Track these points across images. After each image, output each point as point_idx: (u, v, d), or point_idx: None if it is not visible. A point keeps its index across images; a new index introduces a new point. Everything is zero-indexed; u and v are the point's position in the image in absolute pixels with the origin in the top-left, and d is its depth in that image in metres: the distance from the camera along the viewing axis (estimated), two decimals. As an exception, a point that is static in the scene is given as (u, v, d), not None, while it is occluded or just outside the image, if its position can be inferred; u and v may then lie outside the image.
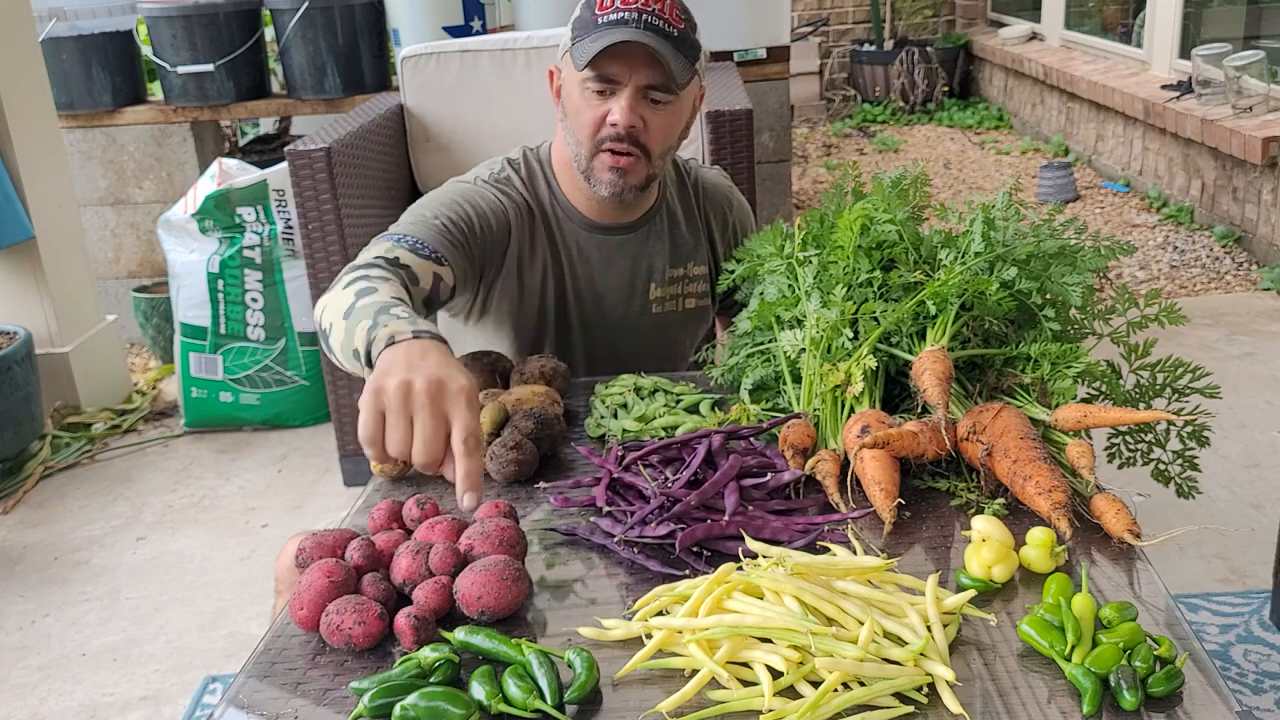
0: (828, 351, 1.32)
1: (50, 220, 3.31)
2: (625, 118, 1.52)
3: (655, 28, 1.49)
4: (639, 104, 1.53)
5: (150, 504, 2.93)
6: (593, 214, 1.68)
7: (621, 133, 1.53)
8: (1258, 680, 1.97)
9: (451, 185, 1.65)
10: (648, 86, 1.52)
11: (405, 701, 0.89)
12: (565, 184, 1.68)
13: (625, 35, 1.47)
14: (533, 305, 1.69)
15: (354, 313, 1.22)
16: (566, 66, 1.58)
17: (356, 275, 1.32)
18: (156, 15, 3.69)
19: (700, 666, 0.92)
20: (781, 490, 1.20)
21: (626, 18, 1.49)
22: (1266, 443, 2.81)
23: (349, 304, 1.25)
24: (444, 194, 1.60)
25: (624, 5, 1.50)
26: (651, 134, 1.55)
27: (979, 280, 1.28)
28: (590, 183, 1.60)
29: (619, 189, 1.59)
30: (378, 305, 1.21)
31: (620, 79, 1.51)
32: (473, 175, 1.68)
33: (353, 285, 1.29)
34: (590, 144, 1.56)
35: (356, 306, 1.23)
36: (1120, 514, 1.10)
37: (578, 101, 1.56)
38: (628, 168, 1.57)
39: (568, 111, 1.59)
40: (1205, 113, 4.25)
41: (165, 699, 2.16)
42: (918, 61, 6.95)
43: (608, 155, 1.56)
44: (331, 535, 1.12)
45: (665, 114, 1.56)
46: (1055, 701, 0.89)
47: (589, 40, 1.50)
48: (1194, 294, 3.93)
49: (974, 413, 1.22)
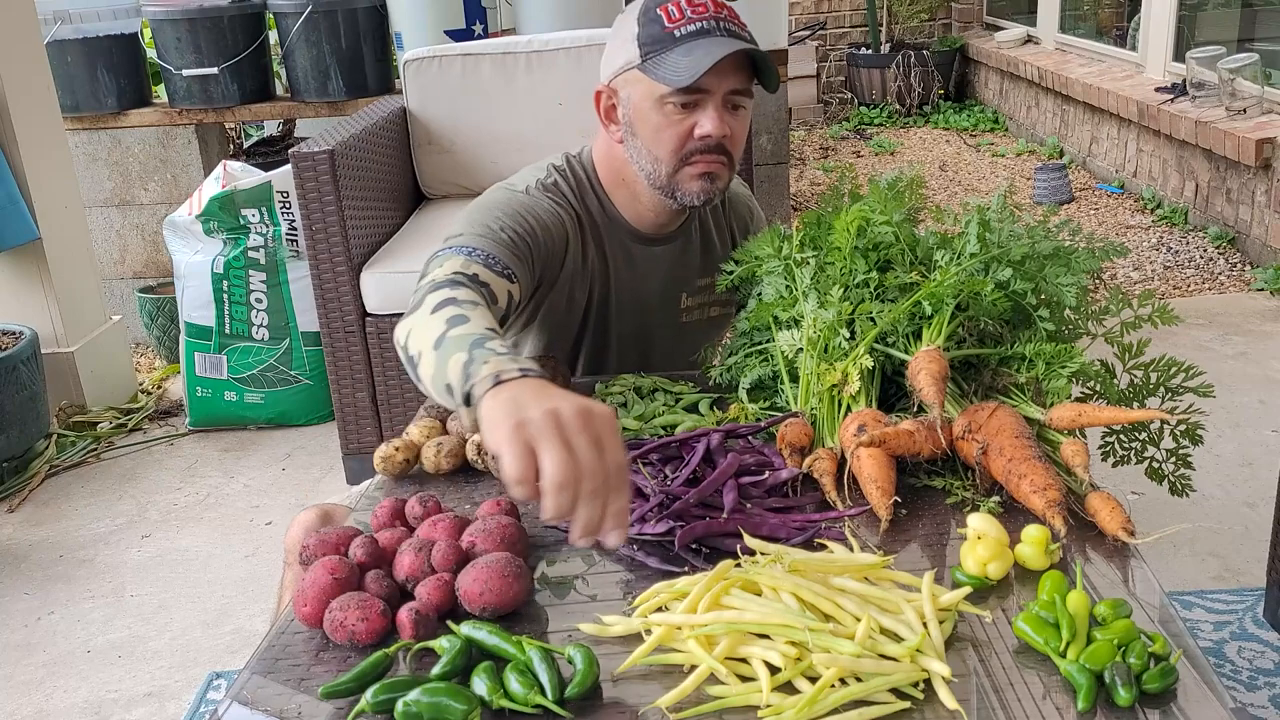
0: (825, 351, 1.34)
1: (56, 221, 3.32)
2: (718, 127, 1.48)
3: (733, 33, 1.47)
4: (724, 111, 1.49)
5: (155, 502, 2.94)
6: (639, 224, 1.65)
7: (713, 143, 1.49)
8: (1251, 677, 1.98)
9: (505, 194, 1.57)
10: (732, 91, 1.48)
11: (407, 697, 0.90)
12: (613, 195, 1.64)
13: (726, 46, 1.43)
14: (576, 316, 1.65)
15: (445, 343, 1.15)
16: (633, 84, 1.52)
17: (443, 298, 1.24)
18: (161, 19, 3.71)
19: (699, 662, 0.93)
20: (779, 488, 1.22)
21: (707, 26, 1.45)
22: (1260, 442, 2.83)
23: (439, 333, 1.17)
24: (503, 203, 1.53)
25: (697, 15, 1.46)
26: (735, 140, 1.52)
27: (974, 281, 1.29)
28: (675, 196, 1.55)
29: (710, 194, 1.55)
30: (471, 337, 1.13)
31: (709, 89, 1.47)
32: (523, 183, 1.60)
33: (441, 311, 1.21)
34: (675, 159, 1.51)
35: (448, 337, 1.15)
36: (1114, 512, 1.11)
37: (656, 119, 1.50)
38: (718, 172, 1.53)
39: (639, 130, 1.53)
40: (1199, 115, 4.26)
41: (170, 695, 2.18)
42: (914, 65, 6.96)
43: (696, 165, 1.52)
44: (335, 533, 1.13)
45: (743, 118, 1.53)
46: (1050, 697, 0.90)
47: (676, 54, 1.45)
48: (1188, 295, 3.94)
49: (969, 412, 1.23)
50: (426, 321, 1.21)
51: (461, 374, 1.08)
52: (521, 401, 0.97)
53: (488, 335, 1.14)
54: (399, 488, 1.32)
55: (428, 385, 1.17)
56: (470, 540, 1.09)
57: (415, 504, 1.18)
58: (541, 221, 1.52)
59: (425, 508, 1.17)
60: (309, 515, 1.51)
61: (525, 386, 1.00)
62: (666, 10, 1.48)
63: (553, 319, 1.64)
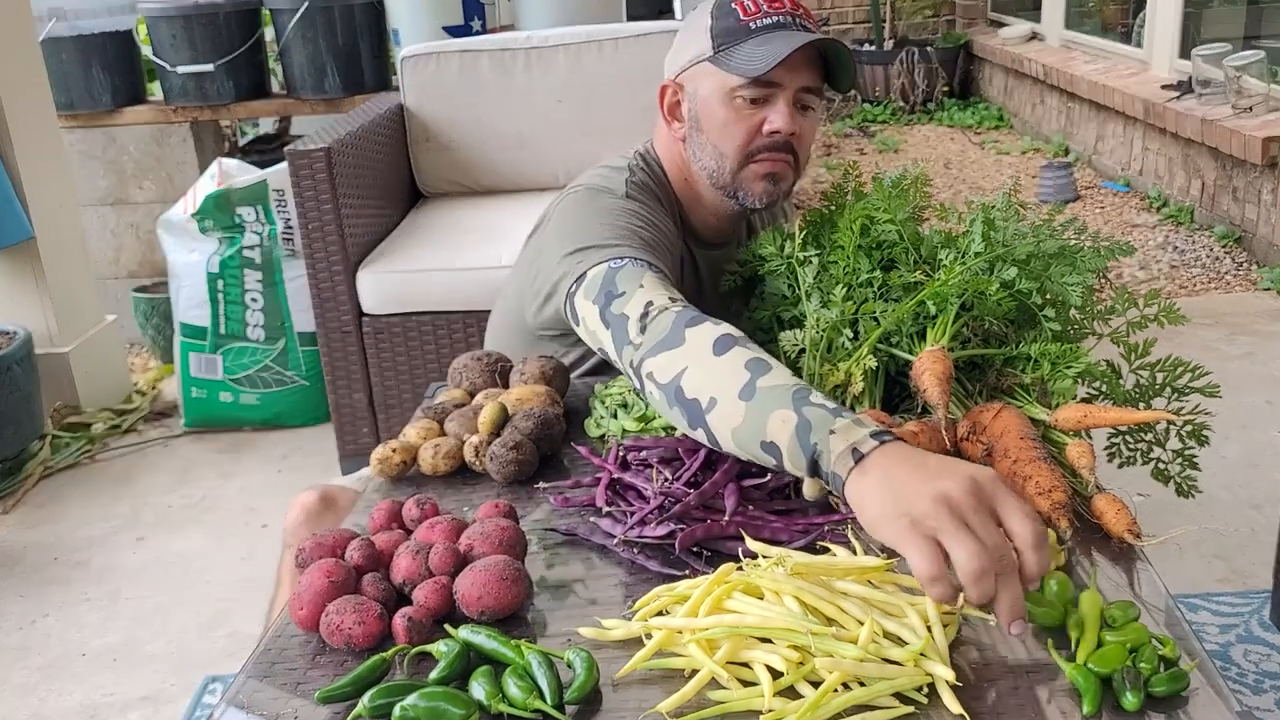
0: (828, 351, 1.32)
1: (50, 220, 3.31)
2: (788, 123, 1.45)
3: (808, 29, 1.45)
4: (793, 108, 1.46)
5: (150, 504, 2.93)
6: (700, 228, 1.63)
7: (781, 140, 1.46)
8: (1258, 680, 1.97)
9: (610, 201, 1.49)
10: (803, 89, 1.46)
11: (405, 702, 0.89)
12: (682, 195, 1.61)
13: (802, 37, 1.41)
14: None
15: (758, 395, 1.06)
16: (702, 78, 1.49)
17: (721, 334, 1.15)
18: (156, 15, 3.69)
19: (700, 666, 0.92)
20: (781, 490, 1.20)
21: (783, 20, 1.44)
22: (1267, 443, 2.81)
23: (742, 382, 1.08)
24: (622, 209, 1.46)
25: (773, 8, 1.44)
26: (803, 139, 1.49)
27: (979, 280, 1.28)
28: (736, 196, 1.52)
29: (773, 196, 1.52)
30: (789, 389, 1.05)
31: (781, 83, 1.45)
32: (617, 186, 1.52)
33: (728, 352, 1.12)
34: (740, 156, 1.49)
35: (759, 387, 1.07)
36: (1120, 514, 1.10)
37: (724, 113, 1.47)
38: (783, 173, 1.50)
39: (706, 125, 1.50)
40: (1205, 113, 4.25)
41: (165, 699, 2.16)
42: (918, 61, 6.95)
43: (761, 164, 1.49)
44: (331, 536, 1.12)
45: (812, 120, 1.51)
46: (1055, 701, 0.89)
47: (751, 45, 1.43)
48: (1194, 294, 3.92)
49: (974, 413, 1.22)
50: (713, 364, 1.12)
51: (794, 439, 1.01)
52: (900, 486, 0.91)
53: (802, 387, 1.06)
54: (396, 490, 1.31)
55: (725, 437, 1.10)
56: (468, 543, 1.08)
57: (412, 506, 1.16)
58: (653, 223, 1.48)
59: (423, 510, 1.16)
60: (309, 496, 1.49)
61: (893, 461, 0.94)
62: (742, 4, 1.46)
63: None
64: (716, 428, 1.11)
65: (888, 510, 0.91)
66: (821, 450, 0.99)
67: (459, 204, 3.08)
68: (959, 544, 0.87)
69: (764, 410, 1.05)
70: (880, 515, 0.92)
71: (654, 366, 1.18)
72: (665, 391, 1.17)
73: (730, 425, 1.09)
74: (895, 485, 0.92)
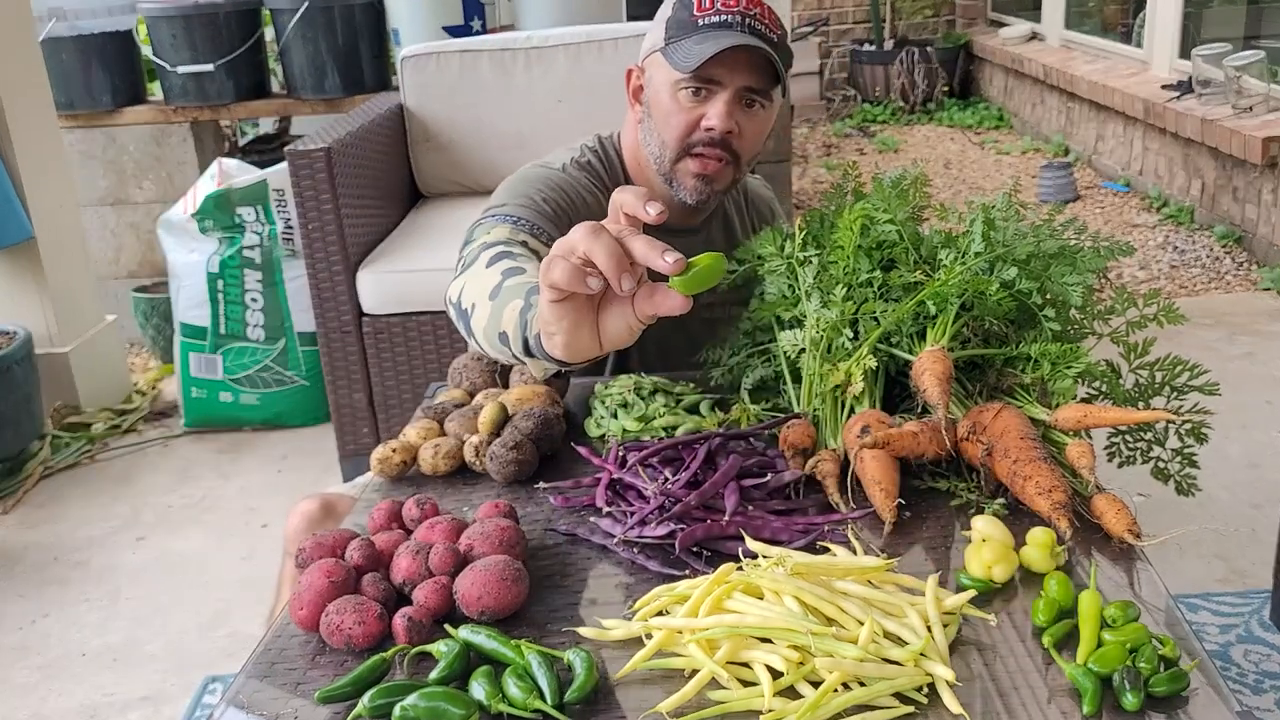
0: (828, 351, 1.32)
1: (50, 220, 3.31)
2: (723, 122, 1.47)
3: (758, 32, 1.46)
4: (735, 108, 1.48)
5: (150, 504, 2.93)
6: None
7: (716, 137, 1.49)
8: (1258, 680, 1.97)
9: (542, 171, 1.57)
10: (746, 89, 1.48)
11: (405, 702, 0.89)
12: (638, 181, 1.64)
13: (735, 39, 1.43)
14: None
15: (501, 293, 1.14)
16: (655, 67, 1.53)
17: (498, 253, 1.25)
18: (156, 15, 3.69)
19: (700, 666, 0.92)
20: (781, 490, 1.20)
21: (730, 20, 1.45)
22: (1267, 443, 2.81)
23: (494, 283, 1.17)
24: (542, 178, 1.53)
25: (725, 8, 1.45)
26: (744, 139, 1.51)
27: (979, 280, 1.28)
28: (672, 186, 1.55)
29: (704, 195, 1.54)
30: (529, 285, 1.12)
31: (722, 81, 1.47)
32: (558, 162, 1.60)
33: (497, 264, 1.21)
34: (678, 147, 1.51)
35: (504, 286, 1.15)
36: (1120, 514, 1.09)
37: (668, 103, 1.50)
38: (715, 174, 1.53)
39: (654, 113, 1.53)
40: (1205, 113, 4.25)
41: (165, 699, 2.16)
42: (918, 61, 6.95)
43: (695, 160, 1.51)
44: (331, 536, 1.12)
45: (759, 119, 1.52)
46: (1055, 701, 0.89)
47: (691, 41, 1.45)
48: (1194, 294, 3.92)
49: (974, 413, 1.22)
50: (481, 274, 1.20)
51: (519, 320, 1.07)
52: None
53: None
54: (396, 489, 1.31)
55: (480, 338, 1.17)
56: (468, 543, 1.08)
57: (412, 506, 1.16)
58: (581, 198, 1.54)
59: (423, 510, 1.16)
60: (310, 504, 1.49)
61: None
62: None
63: None
64: (475, 330, 1.18)
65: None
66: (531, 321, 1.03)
67: (459, 204, 3.08)
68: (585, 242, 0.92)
69: (502, 304, 1.12)
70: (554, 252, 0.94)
71: (450, 291, 1.27)
72: (453, 309, 1.25)
73: (481, 325, 1.16)
74: None
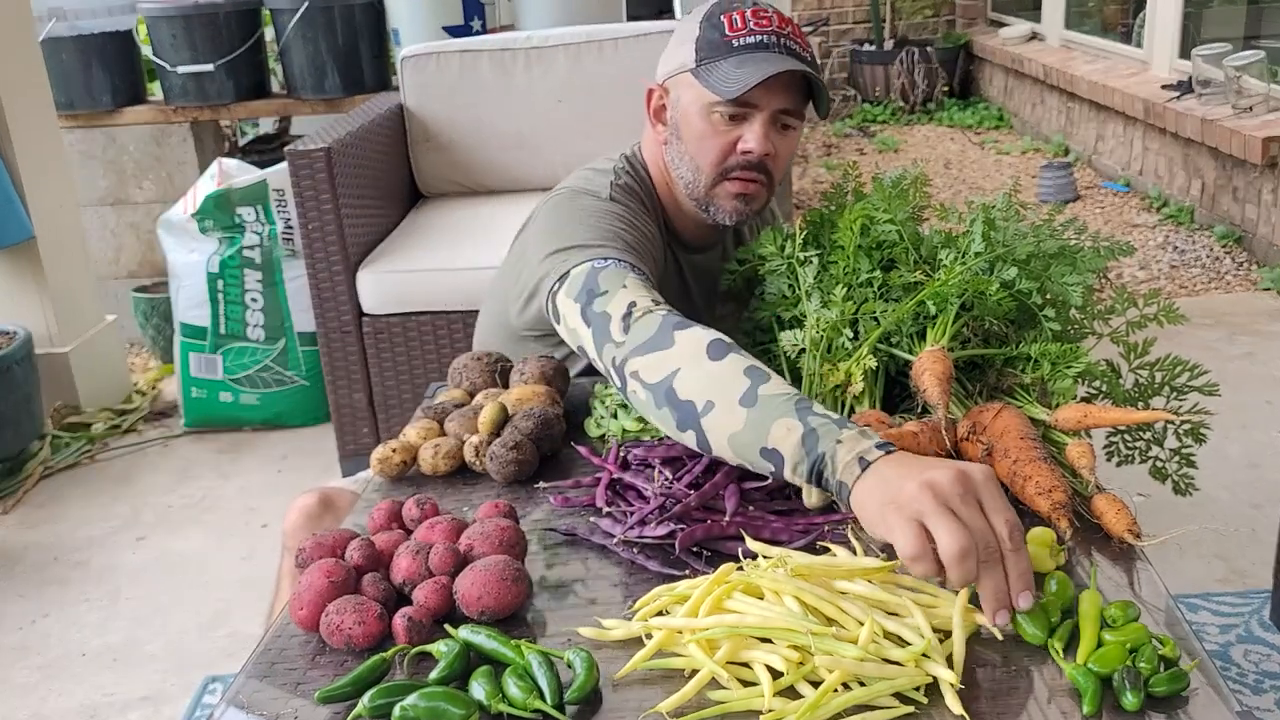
0: (828, 351, 1.32)
1: (50, 220, 3.30)
2: (762, 145, 1.45)
3: (793, 51, 1.44)
4: (771, 130, 1.46)
5: (150, 504, 2.93)
6: (682, 231, 1.63)
7: (755, 160, 1.46)
8: (1258, 680, 1.97)
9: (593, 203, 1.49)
10: (781, 110, 1.46)
11: (405, 702, 0.89)
12: (665, 199, 1.61)
13: (777, 64, 1.40)
14: None
15: (760, 401, 1.08)
16: (683, 88, 1.49)
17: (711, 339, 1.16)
18: (156, 15, 3.69)
19: (700, 666, 0.91)
20: (782, 490, 1.20)
21: (766, 41, 1.42)
22: (1267, 443, 2.81)
23: (744, 387, 1.09)
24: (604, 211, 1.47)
25: (759, 28, 1.43)
26: (779, 160, 1.49)
27: (979, 280, 1.28)
28: (708, 210, 1.52)
29: (743, 216, 1.52)
30: (790, 398, 1.07)
31: (759, 103, 1.44)
32: (597, 188, 1.53)
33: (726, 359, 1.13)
34: (715, 172, 1.48)
35: (761, 395, 1.08)
36: (1120, 514, 1.09)
37: (701, 126, 1.47)
38: (754, 194, 1.50)
39: (685, 135, 1.50)
40: (1205, 113, 4.25)
41: (165, 699, 2.16)
42: (918, 61, 6.95)
43: (734, 183, 1.49)
44: (331, 535, 1.12)
45: (791, 139, 1.50)
46: (1055, 701, 0.89)
47: (730, 64, 1.42)
48: (1194, 294, 3.92)
49: (974, 413, 1.22)
50: (706, 366, 1.13)
51: (800, 447, 1.03)
52: (892, 480, 0.94)
53: (803, 397, 1.08)
54: (396, 489, 1.31)
55: (720, 440, 1.10)
56: (468, 543, 1.08)
57: (412, 506, 1.16)
58: (638, 229, 1.48)
59: (423, 510, 1.16)
60: (308, 499, 1.49)
61: (890, 464, 0.97)
62: (730, 18, 1.45)
63: None
64: (711, 431, 1.11)
65: (879, 501, 0.95)
66: (828, 459, 1.01)
67: (459, 204, 3.08)
68: (941, 524, 0.89)
69: (767, 417, 1.06)
70: (874, 509, 0.95)
71: (640, 366, 1.19)
72: (653, 391, 1.17)
73: (729, 430, 1.09)
74: (888, 481, 0.95)
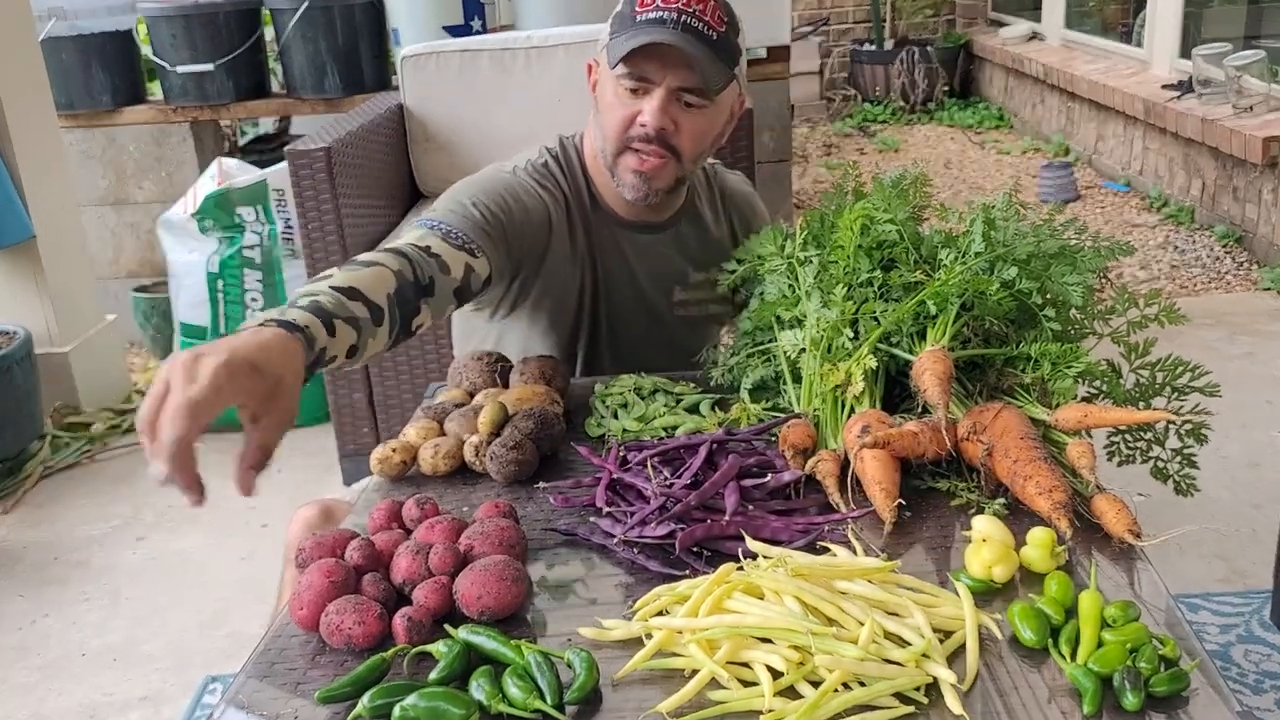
0: (828, 351, 1.32)
1: (50, 220, 3.30)
2: (655, 119, 1.49)
3: (694, 29, 1.46)
4: (671, 105, 1.49)
5: (150, 504, 2.92)
6: (623, 211, 1.66)
7: (650, 134, 1.50)
8: (1258, 680, 1.97)
9: (493, 173, 1.61)
10: (681, 89, 1.49)
11: (405, 702, 0.89)
12: (597, 178, 1.65)
13: (659, 36, 1.44)
14: (567, 302, 1.66)
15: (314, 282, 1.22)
16: (601, 62, 1.56)
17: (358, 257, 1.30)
18: (156, 15, 3.69)
19: (700, 666, 0.92)
20: (782, 490, 1.20)
21: (665, 17, 1.46)
22: (1267, 443, 2.81)
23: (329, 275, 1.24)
24: (485, 182, 1.57)
25: (665, 4, 1.46)
26: (683, 136, 1.52)
27: (979, 280, 1.28)
28: (615, 182, 1.58)
29: (643, 192, 1.56)
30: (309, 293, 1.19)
31: (654, 79, 1.48)
32: (511, 165, 1.64)
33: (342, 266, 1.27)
34: (618, 141, 1.54)
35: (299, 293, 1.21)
36: (1121, 514, 1.09)
37: (609, 98, 1.53)
38: (652, 171, 1.54)
39: (600, 106, 1.57)
40: (1206, 112, 4.25)
41: (165, 699, 2.16)
42: (918, 61, 6.95)
43: (633, 156, 1.53)
44: (331, 535, 1.12)
45: (698, 117, 1.53)
46: (1055, 701, 0.89)
47: (624, 37, 1.47)
48: (1194, 294, 3.92)
49: (974, 413, 1.22)
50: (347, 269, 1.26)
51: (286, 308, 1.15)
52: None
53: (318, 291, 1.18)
54: (396, 489, 1.31)
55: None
56: (468, 543, 1.08)
57: (412, 506, 1.16)
58: (520, 202, 1.55)
59: (423, 510, 1.16)
60: (310, 511, 1.50)
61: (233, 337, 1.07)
62: None
63: (546, 304, 1.65)
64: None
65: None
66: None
67: (459, 204, 3.08)
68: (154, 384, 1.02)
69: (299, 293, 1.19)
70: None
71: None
72: None
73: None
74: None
